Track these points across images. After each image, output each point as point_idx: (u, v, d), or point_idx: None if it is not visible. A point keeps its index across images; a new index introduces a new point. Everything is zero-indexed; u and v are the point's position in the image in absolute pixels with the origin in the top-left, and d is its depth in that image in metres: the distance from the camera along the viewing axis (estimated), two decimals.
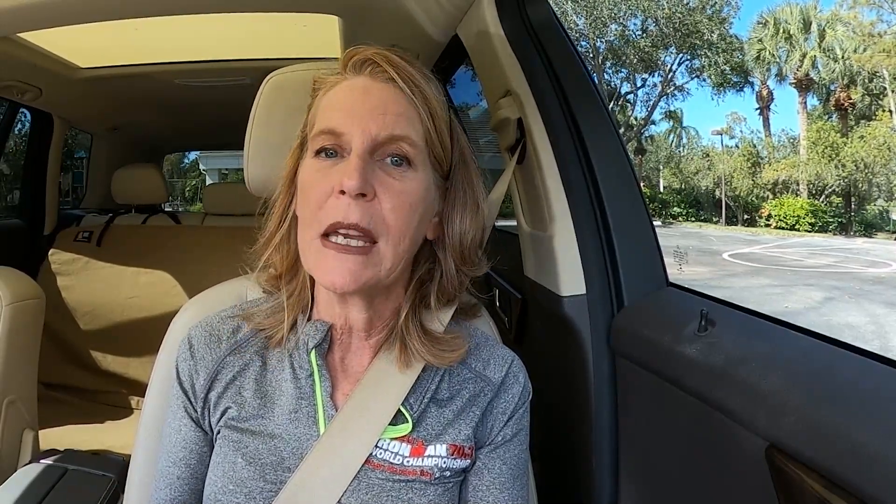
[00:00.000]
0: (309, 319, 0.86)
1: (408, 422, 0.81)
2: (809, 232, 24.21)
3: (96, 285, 2.76)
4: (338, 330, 0.85)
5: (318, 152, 0.79)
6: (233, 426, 0.82)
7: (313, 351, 0.83)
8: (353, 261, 0.75)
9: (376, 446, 0.80)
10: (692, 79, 30.45)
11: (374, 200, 0.75)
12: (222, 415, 0.83)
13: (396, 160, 0.78)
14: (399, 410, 0.81)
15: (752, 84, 30.03)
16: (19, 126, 3.27)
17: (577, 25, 27.27)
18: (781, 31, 27.87)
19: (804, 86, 27.94)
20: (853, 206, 25.69)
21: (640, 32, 28.29)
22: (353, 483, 0.78)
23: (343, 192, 0.74)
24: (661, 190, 31.48)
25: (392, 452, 0.80)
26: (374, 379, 0.83)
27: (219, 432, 0.84)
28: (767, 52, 28.45)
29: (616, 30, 28.19)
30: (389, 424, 0.80)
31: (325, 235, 0.76)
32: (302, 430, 0.80)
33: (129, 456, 0.99)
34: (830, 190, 25.20)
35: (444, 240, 0.86)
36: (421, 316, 0.86)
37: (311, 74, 0.88)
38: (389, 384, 0.82)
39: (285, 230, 0.85)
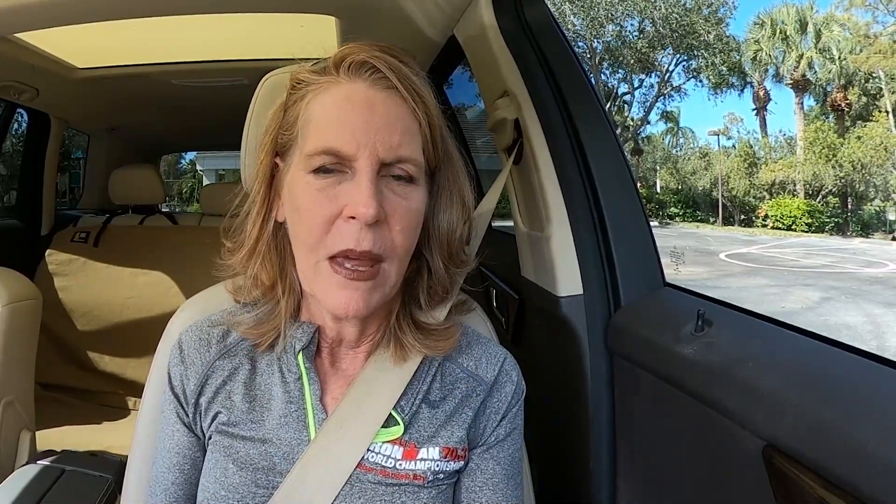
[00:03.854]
0: (296, 320, 0.85)
1: (399, 424, 0.80)
2: (806, 232, 24.26)
3: (93, 286, 2.75)
4: (327, 337, 0.84)
5: (316, 169, 0.74)
6: (223, 431, 0.81)
7: (301, 353, 0.82)
8: (363, 287, 0.73)
9: (368, 450, 0.79)
10: (689, 79, 30.57)
11: (384, 224, 0.73)
12: (213, 420, 0.82)
13: (398, 176, 0.75)
14: (390, 414, 0.80)
15: (750, 84, 30.14)
16: (16, 126, 3.27)
17: (575, 26, 27.31)
18: (778, 31, 27.93)
19: (801, 86, 28.01)
20: (850, 206, 25.75)
21: (637, 33, 28.36)
22: (345, 487, 0.78)
23: (353, 217, 0.71)
24: (658, 190, 31.53)
25: (384, 456, 0.79)
26: (366, 381, 0.82)
27: (210, 437, 0.83)
28: (764, 53, 28.51)
29: (613, 30, 28.25)
30: (381, 427, 0.80)
31: (332, 257, 0.73)
32: (292, 435, 0.80)
33: (127, 457, 0.99)
34: (827, 190, 25.26)
35: (431, 239, 0.83)
36: (413, 313, 0.85)
37: None
38: (381, 386, 0.81)
39: (265, 242, 0.82)
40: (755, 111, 30.60)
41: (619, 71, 30.34)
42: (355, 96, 0.74)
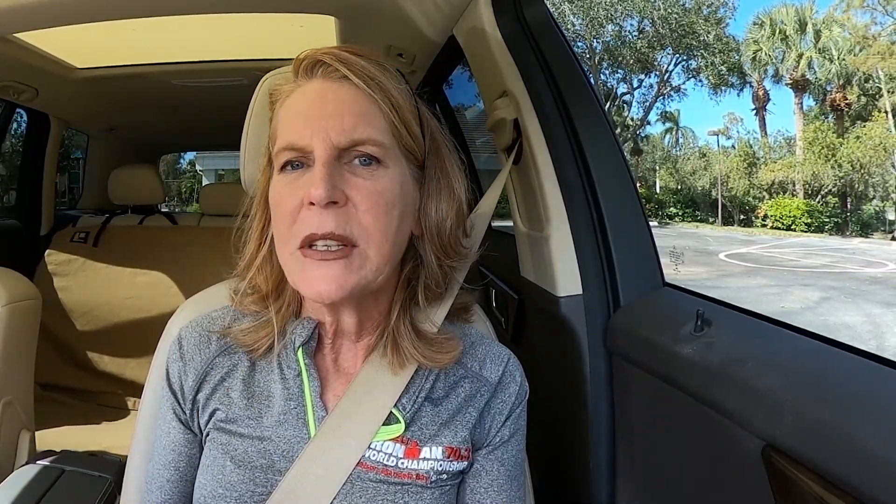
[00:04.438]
0: (297, 318, 0.85)
1: (400, 422, 0.80)
2: (806, 232, 24.27)
3: (93, 286, 2.75)
4: (327, 331, 0.83)
5: (283, 167, 0.77)
6: (221, 428, 0.81)
7: (300, 349, 0.82)
8: (336, 266, 0.73)
9: (369, 447, 0.79)
10: (688, 79, 30.58)
11: (348, 205, 0.73)
12: (210, 417, 0.82)
13: (365, 160, 0.75)
14: (391, 411, 0.80)
15: (749, 84, 30.16)
16: (16, 126, 3.27)
17: (574, 26, 27.32)
18: (777, 31, 27.94)
19: (800, 86, 28.01)
20: (849, 206, 25.76)
21: (636, 33, 28.37)
22: (345, 486, 0.77)
23: (313, 203, 0.72)
24: (658, 190, 31.53)
25: (385, 454, 0.79)
26: (367, 379, 0.81)
27: (208, 434, 0.83)
28: (764, 53, 28.52)
29: (612, 30, 28.26)
30: (382, 425, 0.79)
31: (303, 248, 0.74)
32: (291, 433, 0.79)
33: (126, 457, 0.99)
34: (827, 190, 25.26)
35: (422, 231, 0.83)
36: (412, 316, 0.85)
37: None
38: (382, 384, 0.81)
39: (266, 251, 0.83)
40: (754, 111, 30.62)
41: (619, 71, 30.37)
42: (309, 92, 0.78)
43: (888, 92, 25.08)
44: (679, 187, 30.97)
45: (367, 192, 0.74)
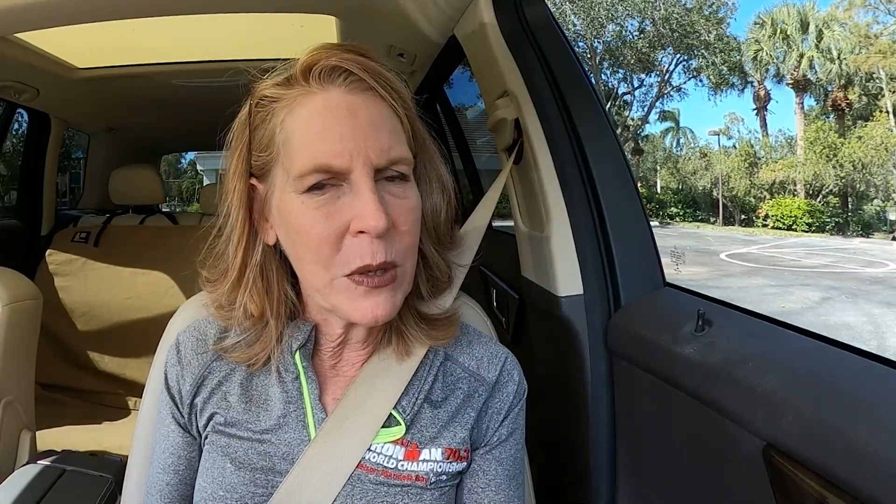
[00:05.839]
0: (292, 320, 0.83)
1: (400, 424, 0.80)
2: (806, 232, 24.27)
3: (94, 286, 2.75)
4: (330, 337, 0.82)
5: (308, 188, 0.71)
6: (220, 431, 0.80)
7: (298, 352, 0.81)
8: (386, 291, 0.72)
9: (369, 450, 0.78)
10: (689, 79, 30.60)
11: (392, 229, 0.71)
12: (209, 420, 0.82)
13: (392, 176, 0.73)
14: (391, 414, 0.80)
15: (750, 84, 30.18)
16: (17, 126, 3.27)
17: (575, 26, 27.33)
18: (779, 31, 27.95)
19: (801, 86, 28.02)
20: (850, 206, 25.75)
21: (637, 33, 28.38)
22: (345, 488, 0.77)
23: (362, 231, 0.69)
24: (658, 190, 31.53)
25: (385, 456, 0.79)
26: (367, 380, 0.81)
27: (206, 437, 0.82)
28: (765, 53, 28.53)
29: (613, 30, 28.28)
30: (382, 427, 0.79)
31: (351, 275, 0.71)
32: (292, 435, 0.79)
33: (127, 457, 0.99)
34: (828, 190, 25.26)
35: (421, 227, 0.81)
36: (415, 308, 0.85)
37: None
38: (382, 386, 0.81)
39: (257, 272, 0.79)
40: (755, 111, 30.64)
41: (619, 71, 30.38)
42: (334, 105, 0.71)
43: (889, 91, 25.07)
44: (680, 187, 30.98)
45: (406, 212, 0.73)
